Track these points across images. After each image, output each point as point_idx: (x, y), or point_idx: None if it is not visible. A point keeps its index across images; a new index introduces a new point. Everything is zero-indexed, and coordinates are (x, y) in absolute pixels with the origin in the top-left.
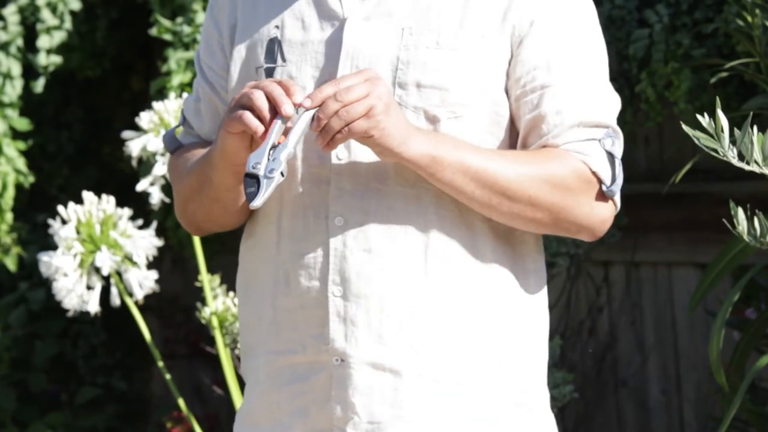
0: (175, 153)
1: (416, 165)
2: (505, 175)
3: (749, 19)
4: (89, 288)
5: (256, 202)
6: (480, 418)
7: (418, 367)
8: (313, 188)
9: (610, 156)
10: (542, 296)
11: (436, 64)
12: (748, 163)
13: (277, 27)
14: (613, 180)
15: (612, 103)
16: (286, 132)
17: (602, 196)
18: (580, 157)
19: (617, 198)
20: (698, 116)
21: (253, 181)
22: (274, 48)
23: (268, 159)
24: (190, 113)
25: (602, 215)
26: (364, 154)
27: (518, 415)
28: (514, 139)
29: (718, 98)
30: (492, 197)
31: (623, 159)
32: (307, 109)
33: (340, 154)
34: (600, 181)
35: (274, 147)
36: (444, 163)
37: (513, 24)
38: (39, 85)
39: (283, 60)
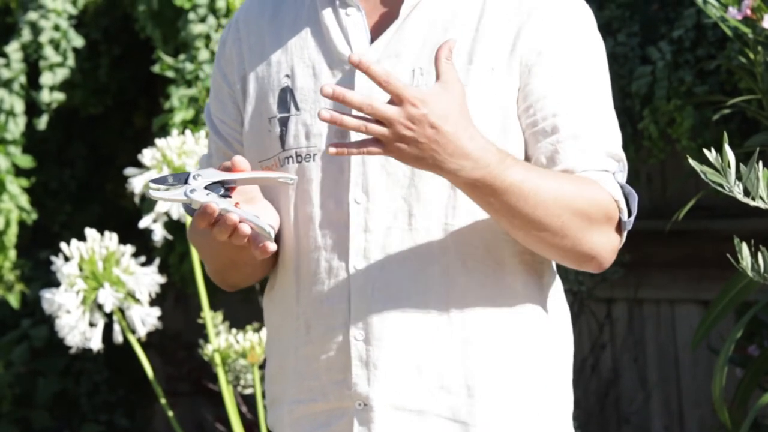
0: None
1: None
2: (546, 197)
3: (751, 56)
4: (92, 325)
5: (153, 192)
6: None
7: (439, 408)
8: (332, 233)
9: (622, 189)
10: (569, 331)
11: None
12: (753, 199)
13: (287, 76)
14: (630, 213)
15: (619, 135)
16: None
17: (617, 227)
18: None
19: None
20: (705, 151)
21: (166, 180)
22: (286, 97)
23: (205, 190)
24: None
25: (614, 245)
26: (382, 197)
27: None
28: None
29: (725, 134)
30: (526, 221)
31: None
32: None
33: (357, 198)
34: (620, 212)
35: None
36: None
37: (521, 54)
38: (42, 122)
39: (297, 109)
